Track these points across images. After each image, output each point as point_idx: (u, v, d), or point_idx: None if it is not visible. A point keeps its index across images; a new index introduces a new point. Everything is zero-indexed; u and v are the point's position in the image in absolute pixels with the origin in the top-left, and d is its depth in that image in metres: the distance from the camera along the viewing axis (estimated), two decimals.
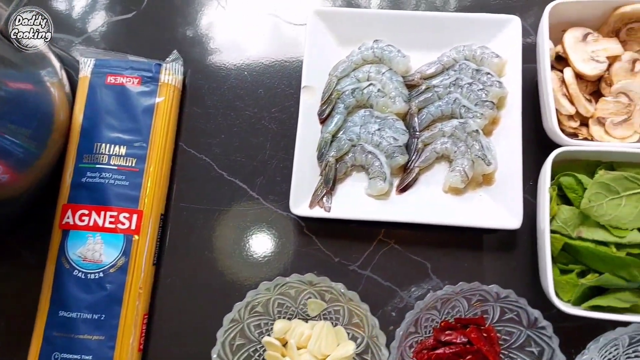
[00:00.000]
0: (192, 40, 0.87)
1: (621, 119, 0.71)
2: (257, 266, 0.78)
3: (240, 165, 0.81)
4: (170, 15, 0.89)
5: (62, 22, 0.90)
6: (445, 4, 0.88)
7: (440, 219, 0.73)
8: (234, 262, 0.78)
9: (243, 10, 0.88)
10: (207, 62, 0.86)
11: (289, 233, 0.79)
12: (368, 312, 0.66)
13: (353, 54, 0.81)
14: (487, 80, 0.76)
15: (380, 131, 0.76)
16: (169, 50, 0.83)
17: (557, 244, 0.66)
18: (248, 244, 0.79)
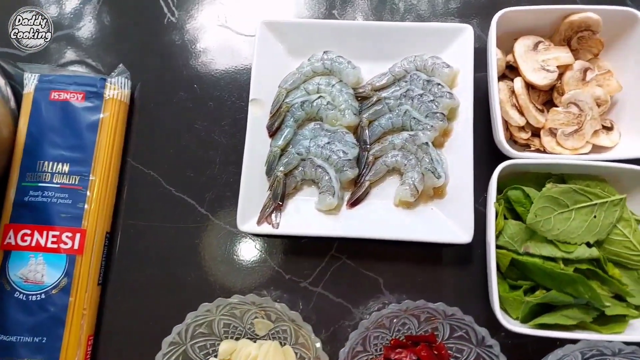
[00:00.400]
0: (141, 54, 0.86)
1: (572, 130, 0.70)
2: (206, 284, 0.76)
3: (189, 181, 0.79)
4: (119, 29, 0.88)
5: (10, 35, 0.89)
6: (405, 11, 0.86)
7: (391, 233, 0.71)
8: (183, 280, 0.76)
9: (193, 22, 0.86)
10: (157, 75, 0.84)
11: (239, 250, 0.77)
12: (311, 333, 0.64)
13: (303, 65, 0.79)
14: (438, 91, 0.75)
15: (330, 145, 0.75)
16: (117, 64, 0.82)
17: (504, 260, 0.64)
18: (197, 262, 0.77)
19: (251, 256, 0.76)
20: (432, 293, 0.74)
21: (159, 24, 0.86)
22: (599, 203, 0.65)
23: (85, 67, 0.83)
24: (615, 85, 0.72)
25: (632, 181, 0.67)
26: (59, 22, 0.87)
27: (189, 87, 0.83)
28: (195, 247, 0.77)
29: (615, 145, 0.72)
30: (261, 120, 0.77)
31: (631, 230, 0.65)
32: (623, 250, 0.65)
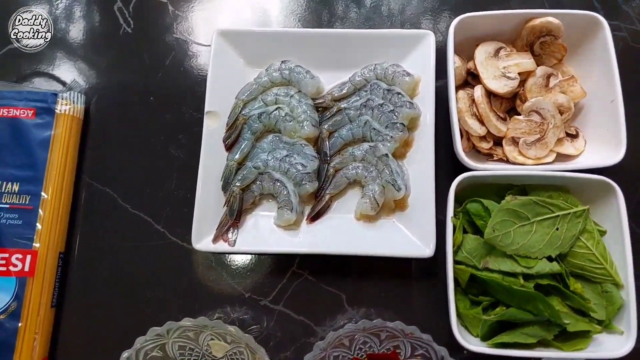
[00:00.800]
0: (97, 67, 0.83)
1: (534, 139, 0.68)
2: (164, 304, 0.74)
3: (146, 197, 0.77)
4: (73, 41, 0.85)
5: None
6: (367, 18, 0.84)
7: (351, 249, 0.69)
8: (140, 300, 0.74)
9: (150, 32, 0.84)
10: (112, 88, 0.82)
11: (197, 268, 0.75)
12: (265, 357, 0.62)
13: (260, 75, 0.77)
14: (398, 100, 0.73)
15: (289, 157, 0.72)
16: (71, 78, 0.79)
17: (463, 276, 0.62)
18: (154, 281, 0.74)
19: (210, 274, 0.74)
20: (397, 308, 0.72)
21: (115, 35, 0.84)
22: (561, 215, 0.63)
23: (37, 81, 0.80)
24: (579, 91, 0.69)
25: (596, 191, 0.65)
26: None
27: (145, 99, 0.81)
28: (152, 266, 0.75)
29: (581, 153, 0.70)
30: (217, 134, 0.75)
31: (594, 243, 0.62)
32: (586, 263, 0.62)
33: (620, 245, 0.62)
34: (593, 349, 0.60)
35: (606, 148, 0.67)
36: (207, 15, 0.85)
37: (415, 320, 0.71)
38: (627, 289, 0.61)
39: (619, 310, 0.61)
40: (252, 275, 0.74)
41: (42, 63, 0.83)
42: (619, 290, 0.62)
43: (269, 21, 0.85)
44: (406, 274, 0.73)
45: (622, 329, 0.60)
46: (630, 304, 0.60)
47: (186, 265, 0.75)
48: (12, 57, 0.83)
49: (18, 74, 0.82)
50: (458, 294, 0.64)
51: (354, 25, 0.83)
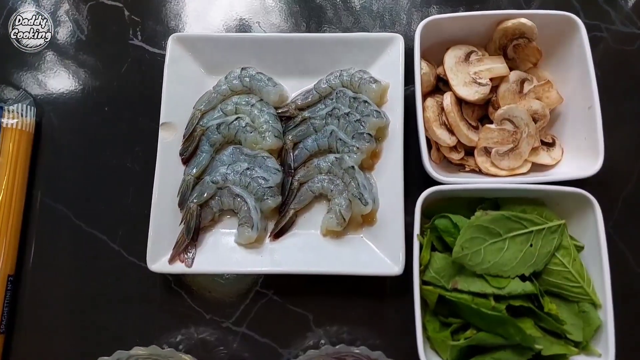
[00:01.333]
0: (49, 77, 0.78)
1: (507, 149, 0.64)
2: (120, 328, 0.69)
3: (101, 214, 0.73)
4: (23, 49, 0.79)
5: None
6: (332, 23, 0.80)
7: (317, 267, 0.65)
8: (95, 325, 0.69)
9: (103, 38, 0.79)
10: (65, 99, 0.77)
11: (155, 289, 0.70)
12: None
13: (220, 83, 0.73)
14: (365, 109, 0.69)
15: (250, 171, 0.68)
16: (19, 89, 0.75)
17: (431, 297, 0.58)
18: (109, 303, 0.70)
19: (168, 295, 0.70)
20: (366, 329, 0.68)
21: (68, 42, 0.79)
22: (535, 230, 0.59)
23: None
24: (555, 97, 0.66)
25: (573, 204, 0.61)
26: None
27: (100, 110, 0.76)
28: (107, 288, 0.70)
29: (558, 162, 0.66)
30: (174, 146, 0.71)
31: (570, 260, 0.59)
32: (562, 281, 0.59)
33: (598, 261, 0.58)
34: None
35: (584, 158, 0.63)
36: (165, 20, 0.80)
37: (386, 340, 0.68)
38: (604, 309, 0.57)
39: (596, 332, 0.57)
40: (213, 296, 0.70)
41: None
42: (596, 310, 0.58)
43: (232, 26, 0.80)
44: (377, 291, 0.69)
45: (599, 351, 0.57)
46: (607, 325, 0.56)
47: (144, 286, 0.70)
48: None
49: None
50: (427, 315, 0.61)
51: (319, 29, 0.79)
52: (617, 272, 0.67)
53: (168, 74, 0.71)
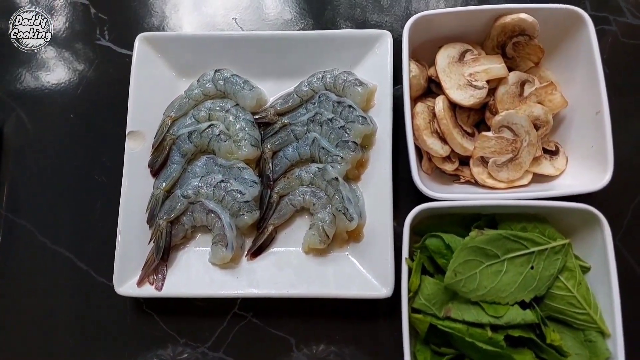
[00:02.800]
0: (10, 82, 0.72)
1: (506, 159, 0.58)
2: (89, 353, 0.64)
3: (67, 231, 0.67)
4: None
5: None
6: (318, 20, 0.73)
7: (298, 289, 0.60)
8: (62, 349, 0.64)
9: (70, 40, 0.73)
10: (29, 107, 0.72)
11: (126, 311, 0.65)
12: None
13: (192, 87, 0.67)
14: (349, 115, 0.63)
15: (224, 183, 0.63)
16: None
17: (421, 326, 0.53)
18: (77, 327, 0.65)
19: (140, 318, 0.65)
20: (352, 354, 0.63)
21: (31, 44, 0.73)
22: (537, 251, 0.53)
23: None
24: (559, 100, 0.59)
25: (578, 221, 0.55)
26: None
27: (66, 117, 0.71)
28: (75, 310, 0.65)
29: (562, 172, 0.60)
30: (143, 157, 0.65)
31: (575, 283, 0.53)
32: (566, 307, 0.53)
33: (607, 284, 0.53)
34: None
35: (591, 169, 0.57)
36: (134, 18, 0.74)
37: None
38: (614, 339, 0.51)
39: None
40: (187, 319, 0.64)
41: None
42: (604, 339, 0.52)
43: (206, 23, 0.74)
44: (365, 313, 0.64)
45: None
46: (617, 357, 0.51)
47: (113, 308, 0.65)
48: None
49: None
50: (418, 344, 0.55)
51: (302, 26, 0.73)
52: (626, 291, 0.61)
53: (135, 78, 0.65)
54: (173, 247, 0.63)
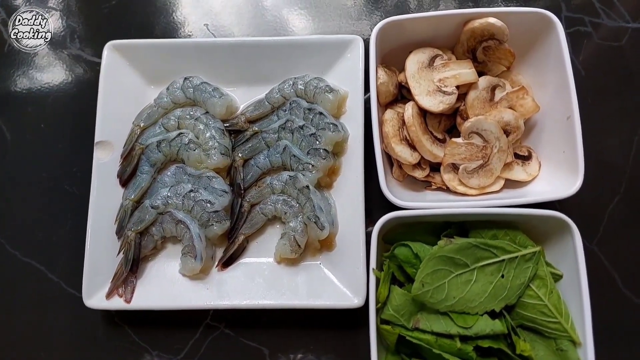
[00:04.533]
0: None
1: (477, 165, 0.57)
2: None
3: (38, 242, 0.66)
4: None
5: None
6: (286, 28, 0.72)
7: (269, 299, 0.59)
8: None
9: (39, 48, 0.72)
10: (7, 115, 0.71)
11: (97, 324, 0.64)
12: None
13: (161, 95, 0.66)
14: (320, 122, 0.62)
15: (194, 193, 0.62)
16: None
17: (390, 338, 0.52)
18: (48, 340, 0.64)
19: (111, 330, 0.64)
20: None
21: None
22: (507, 259, 0.52)
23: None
24: (531, 104, 0.58)
25: (550, 228, 0.54)
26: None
27: (35, 127, 0.70)
28: (45, 323, 0.65)
29: (534, 178, 0.59)
30: (111, 167, 0.64)
31: (547, 292, 0.52)
32: (537, 315, 0.52)
33: (578, 293, 0.52)
34: None
35: (563, 174, 0.56)
36: (106, 25, 0.73)
37: None
38: (584, 347, 0.51)
39: None
40: (159, 331, 0.64)
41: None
42: (575, 348, 0.52)
43: (177, 29, 0.73)
44: (339, 322, 0.63)
45: None
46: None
47: (84, 320, 0.64)
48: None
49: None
50: (389, 355, 0.54)
51: (276, 31, 0.72)
52: (602, 295, 0.61)
53: (104, 86, 0.64)
54: (143, 259, 0.62)
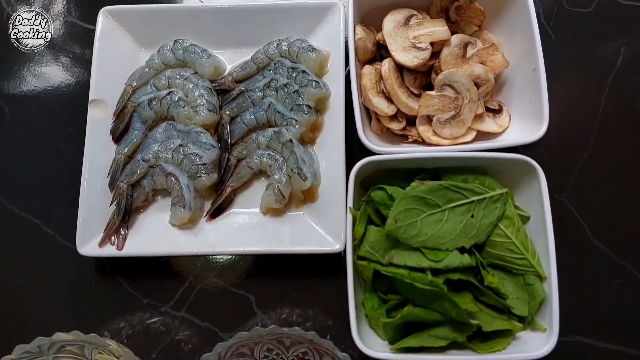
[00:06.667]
0: None
1: (449, 116, 0.60)
2: (55, 316, 0.66)
3: (34, 198, 0.70)
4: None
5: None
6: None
7: (254, 246, 0.62)
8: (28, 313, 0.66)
9: (32, 12, 0.76)
10: (6, 87, 0.74)
11: (91, 274, 0.67)
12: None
13: (152, 57, 0.69)
14: (303, 79, 0.65)
15: (183, 147, 0.65)
16: None
17: (367, 273, 0.55)
18: (43, 290, 0.67)
19: (104, 280, 0.67)
20: (310, 308, 0.65)
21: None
22: (476, 200, 0.56)
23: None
24: (500, 60, 0.62)
25: (517, 172, 0.58)
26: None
27: (32, 89, 0.73)
28: (41, 274, 0.68)
29: (505, 130, 0.62)
30: (105, 125, 0.67)
31: (514, 230, 0.55)
32: (506, 253, 0.56)
33: (543, 230, 0.55)
34: (513, 349, 0.54)
35: (530, 123, 0.60)
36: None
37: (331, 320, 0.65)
38: (549, 281, 0.54)
39: (541, 305, 0.54)
40: (151, 280, 0.67)
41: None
42: (542, 282, 0.55)
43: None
44: (323, 270, 0.66)
45: (544, 326, 0.54)
46: (552, 298, 0.53)
47: (79, 271, 0.67)
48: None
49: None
50: (366, 293, 0.58)
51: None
52: (573, 244, 0.65)
53: (98, 50, 0.68)
54: (134, 210, 0.65)
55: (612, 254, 0.65)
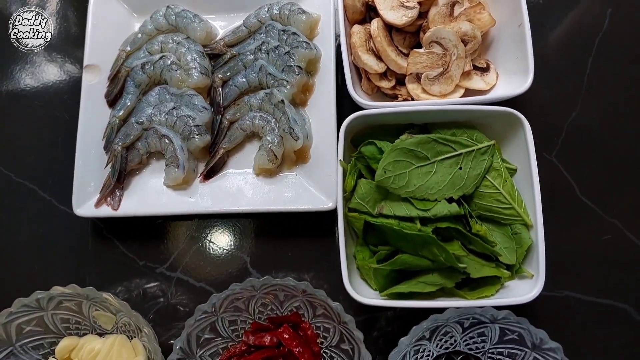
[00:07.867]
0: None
1: (437, 73, 0.61)
2: (52, 278, 0.67)
3: (30, 164, 0.71)
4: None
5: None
6: None
7: (247, 206, 0.63)
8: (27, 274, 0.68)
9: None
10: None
11: (87, 236, 0.68)
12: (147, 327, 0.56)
13: (145, 23, 0.70)
14: (294, 41, 0.66)
15: (176, 110, 0.66)
16: None
17: (357, 224, 0.56)
18: (41, 254, 0.68)
19: (100, 243, 0.68)
20: (304, 267, 0.66)
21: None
22: (464, 153, 0.57)
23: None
24: (487, 18, 0.63)
25: (504, 125, 0.59)
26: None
27: (28, 58, 0.74)
28: (39, 237, 0.69)
29: (493, 87, 0.63)
30: (100, 89, 0.68)
31: (501, 181, 0.57)
32: (493, 203, 0.57)
33: (530, 181, 0.56)
34: (501, 295, 0.55)
35: (517, 78, 0.60)
36: None
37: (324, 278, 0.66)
38: (536, 229, 0.55)
39: (528, 252, 0.56)
40: (146, 242, 0.68)
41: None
42: (529, 231, 0.56)
43: None
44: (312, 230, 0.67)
45: (532, 272, 0.55)
46: (539, 244, 0.54)
47: (75, 234, 0.68)
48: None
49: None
50: (358, 245, 0.59)
51: None
52: (562, 202, 0.66)
53: (93, 16, 0.69)
54: (129, 173, 0.66)
55: (601, 212, 0.66)
